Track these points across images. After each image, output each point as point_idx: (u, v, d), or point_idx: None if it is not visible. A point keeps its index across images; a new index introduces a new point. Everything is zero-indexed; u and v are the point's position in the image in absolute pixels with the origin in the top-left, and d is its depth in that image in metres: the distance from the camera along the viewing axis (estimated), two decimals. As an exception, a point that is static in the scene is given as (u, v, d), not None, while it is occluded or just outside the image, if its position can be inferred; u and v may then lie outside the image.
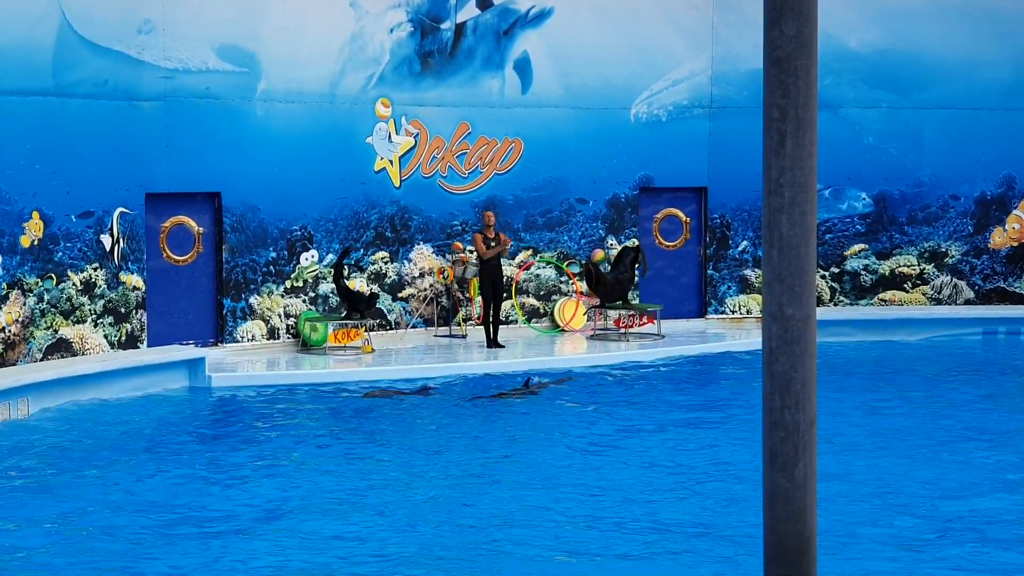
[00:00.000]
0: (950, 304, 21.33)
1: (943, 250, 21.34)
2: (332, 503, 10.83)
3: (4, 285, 15.23)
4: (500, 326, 18.77)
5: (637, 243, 20.17)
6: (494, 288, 18.54)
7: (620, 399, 15.49)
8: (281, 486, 11.41)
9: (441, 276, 19.31)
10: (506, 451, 12.79)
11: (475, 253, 18.84)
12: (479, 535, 9.94)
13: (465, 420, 14.21)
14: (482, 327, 18.82)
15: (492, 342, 18.41)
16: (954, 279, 21.38)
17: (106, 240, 16.35)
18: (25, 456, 12.55)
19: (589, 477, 11.69)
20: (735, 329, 20.47)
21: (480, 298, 18.94)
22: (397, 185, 19.09)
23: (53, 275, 15.76)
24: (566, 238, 20.23)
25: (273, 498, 11.02)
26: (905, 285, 21.33)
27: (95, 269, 16.21)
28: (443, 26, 19.19)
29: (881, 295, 21.30)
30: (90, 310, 16.17)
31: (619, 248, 20.15)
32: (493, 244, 18.52)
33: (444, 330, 19.42)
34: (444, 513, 10.53)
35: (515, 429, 13.79)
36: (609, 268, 19.64)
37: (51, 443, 13.06)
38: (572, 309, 20.17)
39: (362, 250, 18.84)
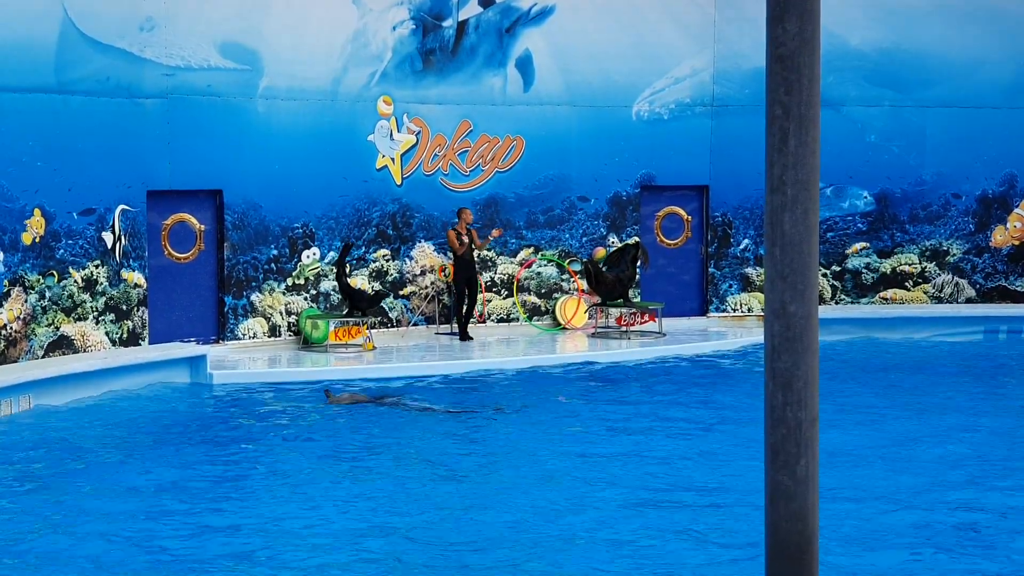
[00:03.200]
0: (951, 303, 21.32)
1: (944, 248, 21.34)
2: (332, 502, 10.84)
3: (6, 282, 15.23)
4: (471, 321, 19.02)
5: (637, 240, 20.16)
6: (468, 284, 18.68)
7: (621, 397, 15.49)
8: (283, 485, 11.42)
9: (442, 274, 19.32)
10: (506, 451, 12.81)
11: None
12: (487, 532, 9.96)
13: (459, 424, 14.22)
14: (480, 323, 18.90)
15: (463, 335, 18.63)
16: (955, 278, 21.37)
17: (108, 237, 16.35)
18: (26, 453, 12.55)
19: (589, 474, 11.69)
20: (737, 327, 20.47)
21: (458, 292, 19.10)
22: (399, 183, 19.09)
23: (55, 272, 15.77)
24: (567, 236, 20.23)
25: (274, 497, 11.03)
26: (906, 283, 21.33)
27: (96, 266, 16.22)
28: (445, 24, 19.19)
29: (882, 293, 21.30)
30: (92, 307, 16.17)
31: (620, 246, 20.13)
32: (465, 241, 18.59)
33: (446, 328, 19.43)
34: (443, 513, 10.54)
35: (516, 430, 13.80)
36: (604, 267, 19.65)
37: (52, 441, 13.05)
38: (573, 307, 20.17)
39: (364, 248, 18.85)
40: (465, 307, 18.86)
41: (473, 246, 18.79)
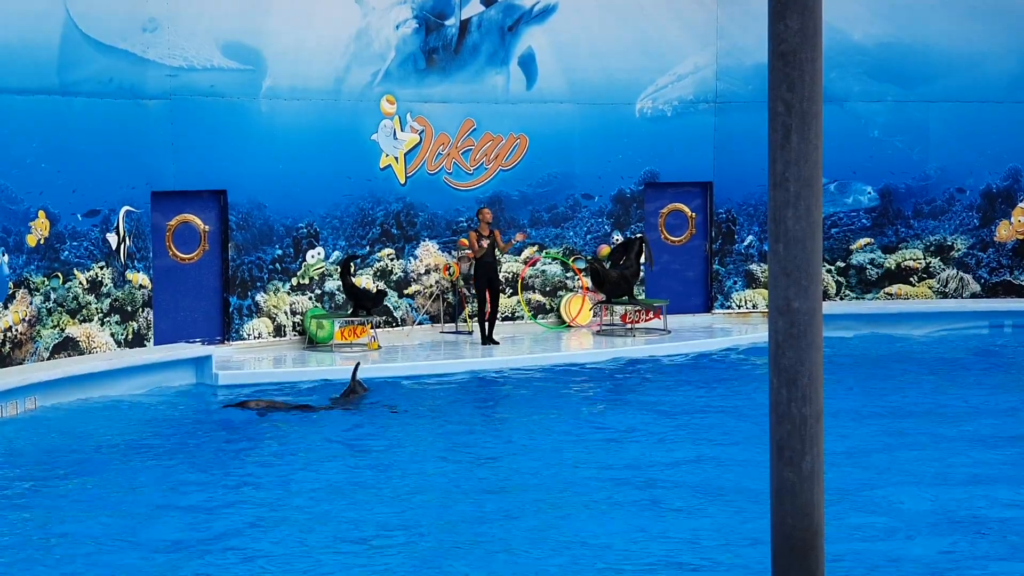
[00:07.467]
0: (956, 298, 21.30)
1: (949, 243, 21.32)
2: (333, 503, 10.85)
3: (11, 284, 15.24)
4: (495, 323, 18.67)
5: (642, 235, 20.14)
6: (490, 285, 18.52)
7: (625, 395, 15.50)
8: (286, 486, 11.43)
9: (447, 273, 19.32)
10: (515, 447, 12.83)
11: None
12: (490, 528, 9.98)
13: (469, 419, 14.23)
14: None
15: (488, 339, 18.36)
16: (960, 272, 21.36)
17: (112, 239, 16.36)
18: (31, 455, 12.57)
19: (593, 472, 11.70)
20: (741, 324, 20.46)
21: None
22: (402, 182, 19.09)
23: (59, 274, 15.78)
24: (572, 234, 20.22)
25: (278, 498, 11.04)
26: (911, 279, 21.31)
27: (101, 268, 16.23)
28: (448, 22, 19.19)
29: (887, 289, 21.29)
30: (96, 309, 16.18)
31: (623, 241, 20.10)
32: (488, 242, 18.41)
33: (450, 327, 19.43)
34: (441, 513, 10.56)
35: (521, 424, 13.81)
36: (608, 263, 19.65)
37: (56, 443, 13.07)
38: (578, 305, 20.17)
39: (368, 248, 18.85)
40: (489, 310, 18.51)
41: (497, 248, 18.58)
